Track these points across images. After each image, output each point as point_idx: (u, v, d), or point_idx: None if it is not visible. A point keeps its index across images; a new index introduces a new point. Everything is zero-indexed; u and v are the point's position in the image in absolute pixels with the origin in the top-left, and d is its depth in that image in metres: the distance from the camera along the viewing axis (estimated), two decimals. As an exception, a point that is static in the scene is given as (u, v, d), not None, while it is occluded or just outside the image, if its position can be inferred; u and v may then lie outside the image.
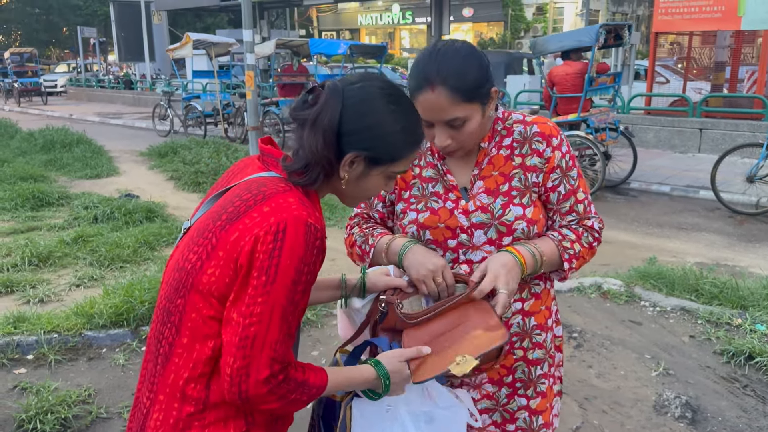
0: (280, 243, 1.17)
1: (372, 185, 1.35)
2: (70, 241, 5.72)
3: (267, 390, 1.17)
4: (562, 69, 8.31)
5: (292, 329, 1.20)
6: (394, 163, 1.33)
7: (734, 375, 3.57)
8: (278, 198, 1.22)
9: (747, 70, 14.12)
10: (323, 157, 1.26)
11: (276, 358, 1.17)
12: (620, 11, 34.52)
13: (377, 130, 1.28)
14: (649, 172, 9.21)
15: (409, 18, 35.58)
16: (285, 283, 1.17)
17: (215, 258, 1.22)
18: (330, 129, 1.25)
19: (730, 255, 5.88)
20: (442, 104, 1.47)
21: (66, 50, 44.73)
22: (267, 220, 1.19)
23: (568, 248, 1.59)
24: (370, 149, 1.28)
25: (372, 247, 1.64)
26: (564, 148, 1.61)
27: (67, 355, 3.76)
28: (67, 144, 11.15)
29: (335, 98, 1.27)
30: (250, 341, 1.16)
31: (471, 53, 1.50)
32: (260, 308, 1.17)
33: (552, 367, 1.72)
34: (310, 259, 1.19)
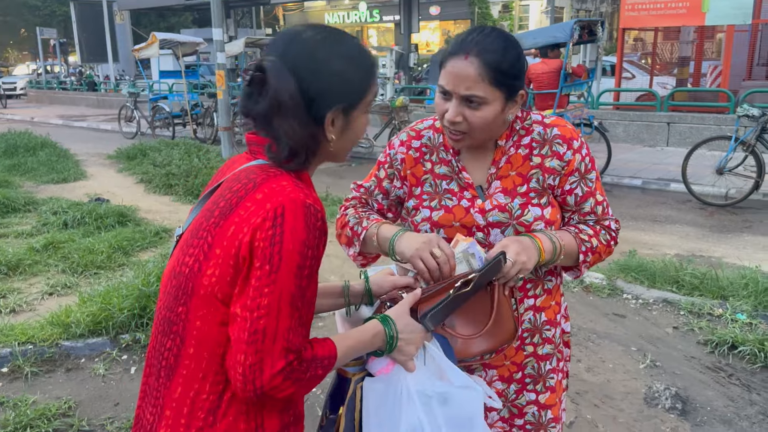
0: (279, 228, 1.11)
1: (358, 126, 1.29)
2: (40, 248, 5.54)
3: (283, 379, 1.11)
4: (539, 67, 8.40)
5: (304, 316, 1.14)
6: (367, 95, 1.27)
7: (719, 365, 3.62)
8: (270, 183, 1.16)
9: (710, 65, 14.45)
10: (305, 135, 1.19)
11: (290, 348, 1.11)
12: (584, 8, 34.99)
13: (338, 79, 1.20)
14: (620, 167, 9.33)
15: (376, 16, 35.49)
16: (290, 269, 1.11)
17: (213, 257, 1.15)
18: (298, 107, 1.17)
19: (704, 246, 5.98)
20: (469, 75, 1.43)
21: (25, 52, 43.53)
22: (263, 207, 1.13)
23: (586, 241, 1.57)
24: (345, 99, 1.22)
25: (365, 230, 1.59)
26: (584, 151, 1.58)
27: (44, 366, 3.62)
28: (30, 148, 10.81)
29: (283, 75, 1.17)
30: (261, 335, 1.10)
31: (516, 46, 1.48)
32: (267, 299, 1.10)
33: (561, 362, 1.71)
34: (314, 241, 1.13)
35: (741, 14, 10.82)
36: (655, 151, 10.92)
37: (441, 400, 1.34)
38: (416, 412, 1.32)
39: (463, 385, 1.38)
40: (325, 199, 7.56)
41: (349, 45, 1.25)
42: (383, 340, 1.32)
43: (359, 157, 11.34)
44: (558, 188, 1.56)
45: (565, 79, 8.13)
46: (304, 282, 1.13)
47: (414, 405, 1.33)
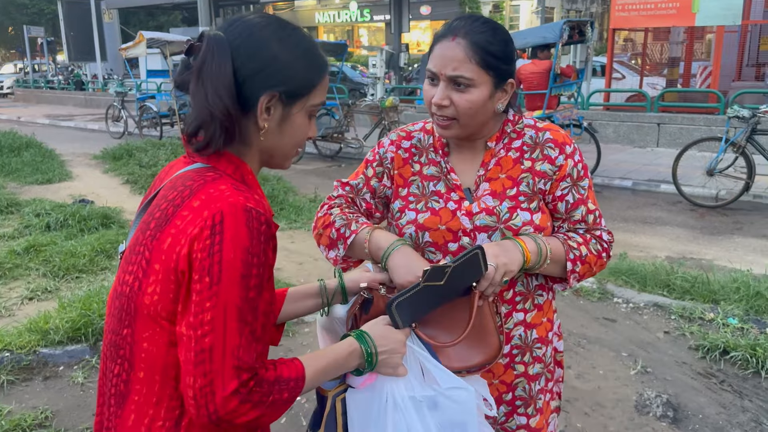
0: (218, 236, 1.02)
1: (298, 127, 1.18)
2: (21, 251, 5.41)
3: (238, 402, 1.01)
4: (529, 67, 8.37)
5: (257, 331, 1.05)
6: (311, 94, 1.17)
7: (710, 370, 3.57)
8: (208, 188, 1.07)
9: (699, 66, 14.47)
10: (218, 108, 1.07)
11: (241, 367, 1.02)
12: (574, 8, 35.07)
13: (280, 62, 1.12)
14: (610, 168, 9.30)
15: (367, 16, 35.40)
16: (233, 280, 1.01)
17: (152, 273, 1.07)
18: (222, 76, 1.08)
19: (695, 248, 5.95)
20: (457, 55, 1.39)
21: (12, 50, 43.08)
22: (200, 215, 1.04)
23: (574, 248, 1.49)
24: (283, 84, 1.12)
25: (354, 234, 1.49)
26: (576, 156, 1.52)
27: (21, 374, 3.52)
28: (15, 148, 10.64)
29: (219, 44, 1.10)
30: (207, 354, 1.00)
31: (506, 32, 1.44)
32: (210, 314, 1.01)
33: (550, 382, 1.62)
34: (258, 248, 1.04)
35: (731, 15, 10.83)
36: (646, 152, 10.90)
37: (431, 404, 1.26)
38: (404, 420, 1.24)
39: (453, 386, 1.29)
40: (314, 200, 7.48)
41: (297, 35, 1.18)
42: (360, 358, 1.23)
43: (349, 158, 11.26)
44: (549, 194, 1.50)
45: (555, 79, 8.10)
46: (252, 293, 1.04)
47: (401, 412, 1.25)
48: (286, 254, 5.65)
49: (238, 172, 1.15)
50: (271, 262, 1.08)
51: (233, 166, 1.15)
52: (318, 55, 1.19)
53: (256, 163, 1.21)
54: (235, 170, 1.14)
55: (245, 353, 1.03)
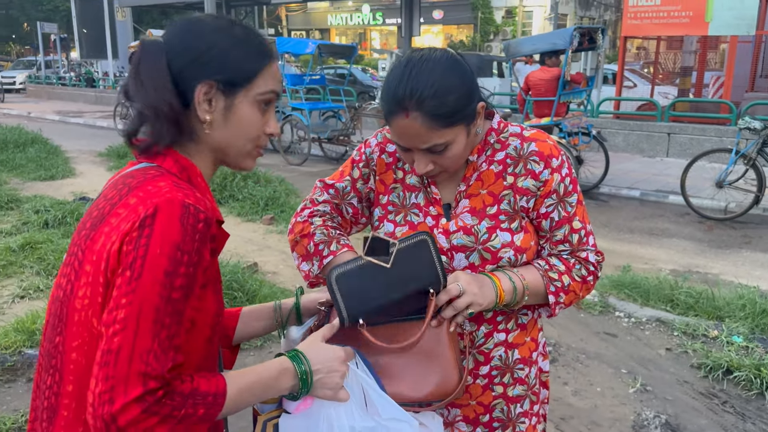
0: (148, 230, 0.94)
1: (246, 119, 1.11)
2: (17, 248, 5.36)
3: (141, 410, 0.90)
4: (538, 74, 8.27)
5: (178, 338, 0.95)
6: (254, 82, 1.10)
7: (713, 390, 3.45)
8: (146, 185, 1.01)
9: (712, 76, 14.30)
10: (161, 103, 1.03)
11: (149, 374, 0.91)
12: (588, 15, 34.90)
13: (215, 50, 1.07)
14: (618, 177, 9.17)
15: (379, 19, 35.42)
16: (155, 276, 0.93)
17: (84, 275, 0.99)
18: (158, 72, 1.04)
19: (701, 262, 5.81)
20: (419, 131, 1.26)
21: (27, 46, 43.40)
22: (135, 211, 0.97)
23: (555, 280, 1.38)
24: (219, 72, 1.07)
25: (332, 255, 1.38)
26: (564, 170, 1.40)
27: (5, 375, 3.46)
28: (21, 144, 10.64)
29: (153, 44, 1.08)
30: (114, 356, 0.91)
31: (450, 68, 1.27)
32: (125, 311, 0.92)
33: (535, 405, 1.52)
34: (190, 246, 0.95)
35: (744, 25, 10.66)
36: (655, 161, 10.75)
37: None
38: None
39: (394, 417, 1.18)
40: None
41: (235, 25, 1.12)
42: (294, 378, 1.11)
43: (354, 161, 11.18)
44: (533, 211, 1.39)
45: (564, 86, 7.99)
46: (177, 294, 0.94)
47: None
48: (283, 258, 5.57)
49: (184, 173, 1.08)
50: (205, 264, 0.99)
51: (179, 166, 1.08)
52: (259, 42, 1.13)
53: (209, 163, 1.14)
54: (181, 170, 1.08)
55: (156, 359, 0.92)
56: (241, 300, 4.23)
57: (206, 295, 1.01)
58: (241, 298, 4.24)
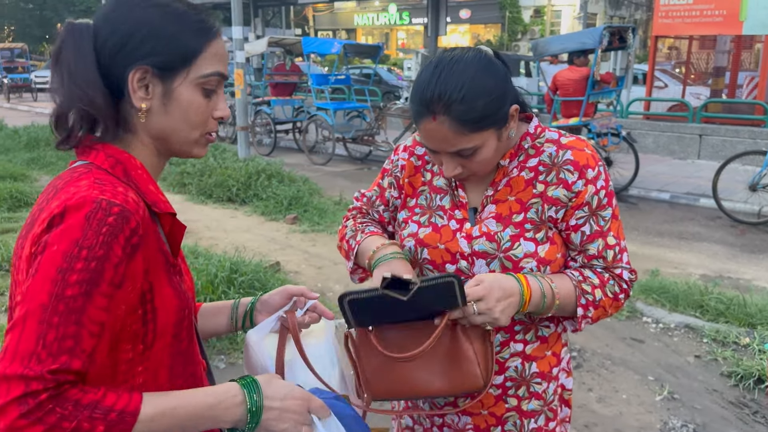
0: (53, 230, 0.88)
1: (187, 104, 1.01)
2: (45, 244, 5.44)
3: (19, 414, 0.80)
4: (566, 74, 8.15)
5: (73, 341, 0.84)
6: (194, 64, 1.01)
7: (743, 400, 3.34)
8: (69, 187, 0.94)
9: (746, 76, 13.96)
10: (76, 95, 0.96)
11: (29, 375, 0.81)
12: (618, 15, 34.40)
13: (147, 29, 0.98)
14: (648, 179, 9.00)
15: (405, 18, 35.36)
16: (47, 274, 0.85)
17: (19, 285, 0.94)
18: (80, 60, 0.96)
19: (733, 267, 5.66)
20: (446, 136, 1.22)
21: (59, 46, 44.29)
22: (49, 214, 0.91)
23: (588, 293, 1.32)
24: (153, 54, 0.97)
25: (358, 244, 1.46)
26: (600, 182, 1.32)
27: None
28: (51, 142, 10.83)
29: (78, 27, 0.98)
30: (2, 354, 0.84)
31: (482, 70, 1.22)
32: (18, 310, 0.85)
33: (551, 422, 1.45)
34: (92, 240, 0.87)
35: (781, 24, 10.39)
36: (686, 163, 10.53)
37: None
38: None
39: None
40: (339, 203, 7.39)
41: (168, 2, 1.01)
42: (241, 412, 0.97)
43: (378, 161, 11.16)
44: (562, 222, 1.33)
45: (593, 86, 7.85)
46: (71, 291, 0.85)
47: None
48: (305, 257, 5.57)
49: (118, 167, 0.99)
50: (114, 261, 0.89)
51: (112, 160, 1.00)
52: (197, 19, 1.02)
53: (151, 153, 1.05)
54: (114, 165, 0.99)
55: (39, 362, 0.82)
56: (263, 299, 4.22)
57: (126, 296, 0.92)
58: (262, 297, 4.24)
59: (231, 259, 4.55)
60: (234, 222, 6.85)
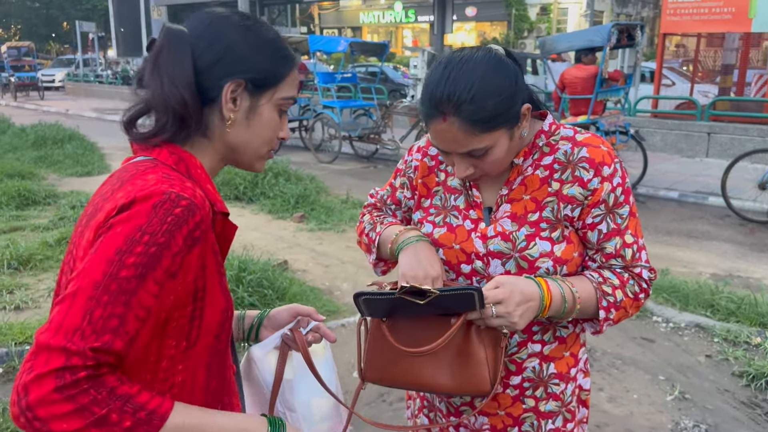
0: (118, 215, 0.90)
1: (266, 122, 1.09)
2: (54, 242, 5.46)
3: (54, 387, 0.80)
4: (573, 72, 8.11)
5: (118, 321, 0.85)
6: (279, 85, 1.09)
7: (755, 400, 3.32)
8: (136, 179, 0.97)
9: (754, 74, 13.87)
10: (174, 98, 1.00)
11: (70, 349, 0.82)
12: (625, 12, 34.25)
13: (243, 49, 1.05)
14: (656, 177, 8.95)
15: (411, 16, 35.29)
16: (105, 254, 0.87)
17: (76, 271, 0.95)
18: (180, 66, 1.01)
19: (743, 266, 5.62)
20: (456, 136, 1.21)
21: (66, 45, 44.45)
22: (115, 204, 0.93)
23: (608, 294, 1.30)
24: (247, 70, 1.05)
25: (378, 236, 1.47)
26: (616, 180, 1.30)
27: (39, 369, 3.50)
28: (58, 140, 10.88)
29: (177, 35, 1.03)
30: (47, 325, 0.85)
31: (492, 69, 1.20)
32: (71, 286, 0.87)
33: (569, 423, 1.44)
34: (156, 227, 0.89)
35: (790, 21, 10.32)
36: (694, 162, 10.48)
37: None
38: None
39: None
40: (346, 202, 7.38)
41: (260, 25, 1.09)
42: None
43: (385, 159, 11.15)
44: (578, 220, 1.31)
45: (601, 84, 7.81)
46: (126, 272, 0.86)
47: None
48: (313, 256, 5.56)
49: (182, 164, 1.03)
50: (174, 250, 0.90)
51: (175, 157, 1.04)
52: (284, 46, 1.11)
53: (216, 159, 1.11)
54: (177, 162, 1.03)
55: (82, 338, 0.83)
56: (271, 297, 4.22)
57: (177, 287, 0.93)
58: (271, 295, 4.24)
59: (239, 258, 4.55)
60: (241, 220, 6.85)
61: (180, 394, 0.99)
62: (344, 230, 6.33)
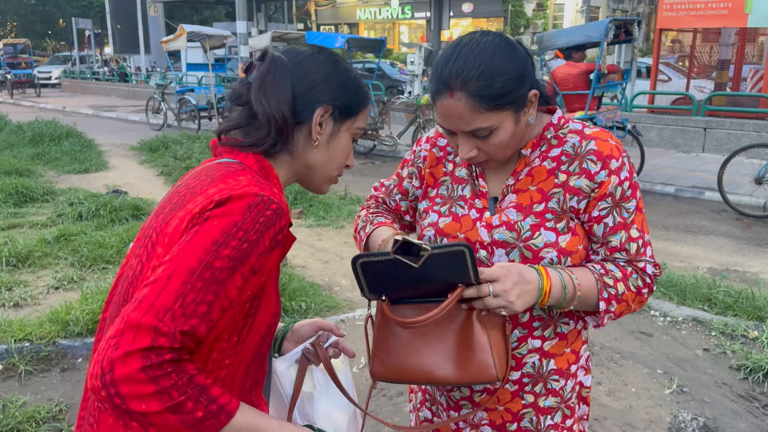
0: (215, 209, 0.97)
1: (343, 146, 1.21)
2: (52, 239, 5.46)
3: (140, 367, 0.83)
4: (564, 69, 8.08)
5: (206, 308, 0.89)
6: (359, 115, 1.22)
7: (752, 393, 3.34)
8: (227, 178, 1.04)
9: (750, 69, 13.90)
10: (277, 113, 1.11)
11: (159, 329, 0.85)
12: (621, 8, 34.27)
13: (334, 79, 1.17)
14: (653, 172, 8.98)
15: (408, 13, 35.24)
16: (201, 242, 0.92)
17: (155, 257, 0.99)
18: (282, 89, 1.13)
19: (739, 260, 5.65)
20: (462, 113, 1.22)
21: (62, 42, 44.29)
22: (209, 198, 0.99)
23: (610, 286, 1.30)
24: (335, 98, 1.16)
25: (367, 236, 1.47)
26: (624, 173, 1.31)
27: (39, 365, 3.51)
28: (56, 137, 10.86)
29: (280, 62, 1.15)
30: (135, 304, 0.88)
31: (501, 50, 1.22)
32: (164, 268, 0.91)
33: (568, 419, 1.44)
34: (250, 225, 0.96)
35: (786, 16, 10.35)
36: (690, 157, 10.51)
37: None
38: None
39: None
40: (344, 198, 7.39)
41: (345, 64, 1.23)
42: None
43: (382, 155, 11.16)
44: (584, 213, 1.31)
45: (599, 79, 7.82)
46: (220, 263, 0.92)
47: None
48: (312, 252, 5.57)
49: (263, 172, 1.13)
50: (262, 249, 0.97)
51: (260, 165, 1.13)
52: (363, 84, 1.25)
53: (291, 174, 1.21)
54: (261, 169, 1.13)
55: (173, 319, 0.87)
56: (271, 294, 4.23)
57: (255, 283, 0.99)
58: (270, 291, 4.25)
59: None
60: (239, 217, 6.86)
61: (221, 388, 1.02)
62: (342, 226, 6.34)
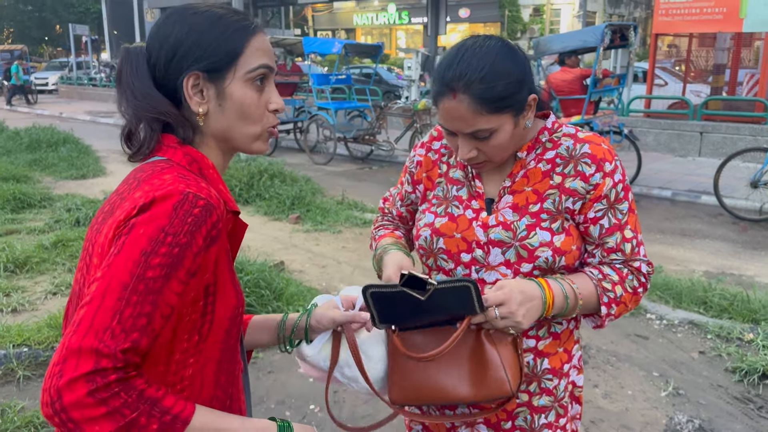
0: (140, 215, 0.92)
1: (240, 100, 1.06)
2: (49, 245, 5.46)
3: (87, 392, 0.83)
4: (559, 75, 8.14)
5: (146, 320, 0.88)
6: (239, 59, 1.05)
7: (748, 395, 3.36)
8: (153, 179, 0.99)
9: (746, 73, 13.97)
10: (141, 108, 1.03)
11: (101, 351, 0.84)
12: (617, 13, 34.42)
13: (191, 39, 1.04)
14: (649, 177, 9.02)
15: (405, 18, 35.37)
16: (130, 254, 0.89)
17: (93, 267, 0.97)
18: (138, 76, 1.04)
19: (735, 263, 5.68)
20: (464, 115, 1.25)
21: (59, 48, 44.30)
22: (134, 202, 0.95)
23: (609, 290, 1.34)
24: (198, 60, 1.03)
25: (374, 250, 1.56)
26: (617, 176, 1.35)
27: (38, 370, 3.51)
28: (53, 143, 10.86)
29: (133, 50, 1.07)
30: (74, 328, 0.86)
31: (503, 55, 1.26)
32: (97, 286, 0.89)
33: (561, 419, 1.46)
34: (178, 228, 0.92)
35: (781, 21, 10.41)
36: (687, 161, 10.55)
37: None
38: None
39: None
40: (341, 203, 7.41)
41: (203, 11, 1.07)
42: None
43: (379, 160, 11.18)
44: (579, 214, 1.35)
45: (595, 84, 7.86)
46: (152, 273, 0.89)
47: None
48: (309, 257, 5.58)
49: (194, 165, 1.06)
50: (195, 250, 0.93)
51: (189, 158, 1.06)
52: (234, 19, 1.07)
53: (217, 153, 1.12)
54: (190, 162, 1.06)
55: (113, 338, 0.85)
56: (268, 298, 4.24)
57: (197, 285, 0.96)
58: (268, 296, 4.26)
59: (236, 259, 4.56)
60: (237, 222, 6.87)
61: (189, 387, 1.01)
62: (340, 231, 6.36)
